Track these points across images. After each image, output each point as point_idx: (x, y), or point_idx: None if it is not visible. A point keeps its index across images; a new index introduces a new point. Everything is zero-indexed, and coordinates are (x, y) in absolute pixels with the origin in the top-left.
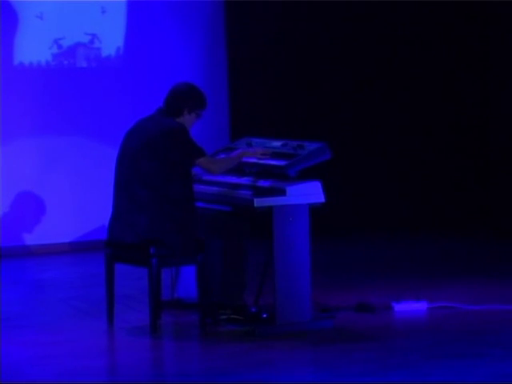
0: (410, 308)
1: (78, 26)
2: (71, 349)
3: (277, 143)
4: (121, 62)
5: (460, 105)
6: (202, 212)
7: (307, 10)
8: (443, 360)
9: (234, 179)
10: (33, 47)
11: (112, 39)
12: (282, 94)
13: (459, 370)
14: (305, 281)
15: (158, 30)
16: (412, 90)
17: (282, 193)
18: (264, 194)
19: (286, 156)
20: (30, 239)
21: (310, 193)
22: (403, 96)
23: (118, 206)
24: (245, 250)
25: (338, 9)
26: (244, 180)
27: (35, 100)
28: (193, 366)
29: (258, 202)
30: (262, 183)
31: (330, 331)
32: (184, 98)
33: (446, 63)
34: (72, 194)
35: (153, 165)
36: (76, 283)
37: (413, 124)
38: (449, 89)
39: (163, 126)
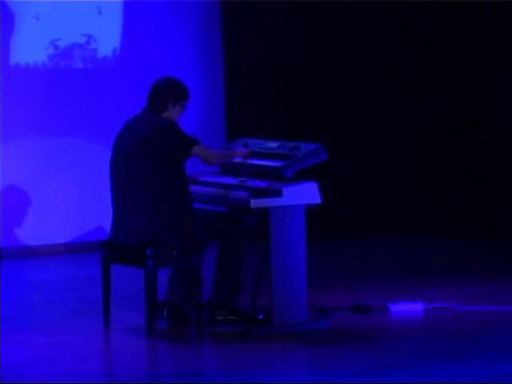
0: (406, 309)
1: (74, 26)
2: (68, 349)
3: (273, 144)
4: (117, 62)
5: (459, 106)
6: (198, 213)
7: (303, 9)
8: (439, 361)
9: (230, 180)
10: (29, 48)
11: (108, 40)
12: (279, 94)
13: (455, 370)
14: (301, 282)
15: (154, 30)
16: (410, 92)
17: (279, 194)
18: (260, 194)
19: (283, 157)
20: (27, 240)
21: (307, 194)
22: (401, 97)
23: (117, 208)
24: (241, 251)
25: (334, 9)
26: (240, 181)
27: (31, 101)
28: (189, 367)
29: (254, 203)
30: (258, 184)
31: (326, 332)
32: (166, 92)
33: (445, 63)
34: (69, 194)
35: (149, 164)
36: (72, 284)
37: (410, 125)
38: (448, 90)
39: (153, 124)
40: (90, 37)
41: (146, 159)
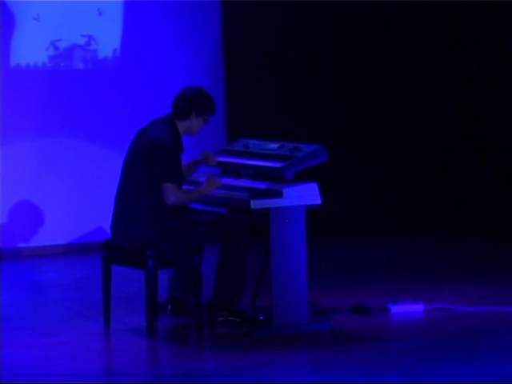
0: (407, 310)
1: (74, 27)
2: (68, 351)
3: (273, 145)
4: (117, 63)
5: (456, 107)
6: (198, 214)
7: (305, 10)
8: (440, 362)
9: (230, 181)
10: (29, 49)
11: (109, 41)
12: (279, 95)
13: (456, 371)
14: (301, 282)
15: (154, 31)
16: (411, 93)
17: (279, 194)
18: (261, 195)
19: (283, 158)
20: (27, 241)
21: (307, 194)
22: (401, 99)
23: (117, 211)
24: (242, 252)
25: (336, 10)
26: (241, 182)
27: (31, 102)
28: (189, 368)
29: (254, 204)
30: (258, 185)
31: (326, 333)
32: (193, 101)
33: (443, 65)
34: (69, 195)
35: (144, 173)
36: (73, 285)
37: (409, 126)
38: (448, 91)
39: (155, 137)
40: (90, 38)
41: (141, 168)
